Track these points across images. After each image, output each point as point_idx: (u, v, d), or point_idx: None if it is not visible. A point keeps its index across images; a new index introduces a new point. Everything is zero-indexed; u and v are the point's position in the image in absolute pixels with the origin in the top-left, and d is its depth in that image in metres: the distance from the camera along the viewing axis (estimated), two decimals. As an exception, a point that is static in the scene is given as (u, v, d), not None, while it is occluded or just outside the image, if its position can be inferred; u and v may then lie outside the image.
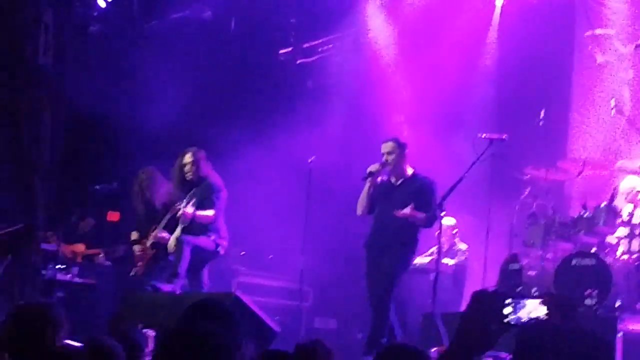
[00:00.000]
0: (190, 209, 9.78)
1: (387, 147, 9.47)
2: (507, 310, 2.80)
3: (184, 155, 10.18)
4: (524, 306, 2.79)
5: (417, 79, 12.76)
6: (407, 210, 9.13)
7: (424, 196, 9.27)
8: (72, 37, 12.88)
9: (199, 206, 9.89)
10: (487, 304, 2.80)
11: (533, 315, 2.76)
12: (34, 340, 4.83)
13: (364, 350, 9.06)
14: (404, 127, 12.63)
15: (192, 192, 9.98)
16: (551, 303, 2.80)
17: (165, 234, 10.03)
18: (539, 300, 2.78)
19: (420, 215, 9.18)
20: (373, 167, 9.46)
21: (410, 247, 9.44)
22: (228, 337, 3.30)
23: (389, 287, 9.17)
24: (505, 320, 2.79)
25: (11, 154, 12.14)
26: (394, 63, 13.23)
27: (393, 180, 9.56)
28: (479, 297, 2.85)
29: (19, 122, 12.22)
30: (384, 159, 9.44)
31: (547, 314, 2.73)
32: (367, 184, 9.48)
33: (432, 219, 9.19)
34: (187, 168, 10.08)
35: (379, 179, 9.58)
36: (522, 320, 2.76)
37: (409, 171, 9.54)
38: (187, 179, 10.05)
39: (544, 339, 2.41)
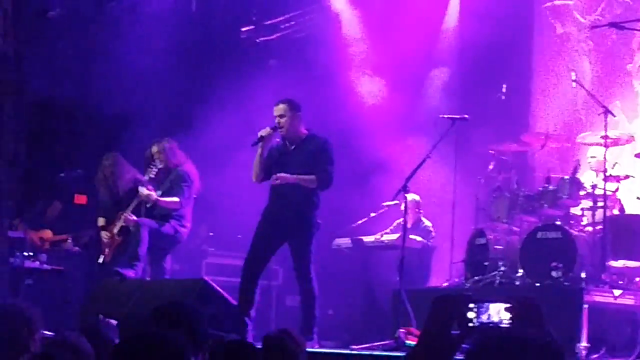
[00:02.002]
0: (153, 193, 9.82)
1: (278, 110, 8.95)
2: (470, 314, 2.84)
3: (151, 146, 10.15)
4: (487, 310, 2.82)
5: (379, 55, 12.79)
6: (286, 175, 8.76)
7: (317, 157, 8.86)
8: (31, 21, 12.78)
9: (166, 193, 9.90)
10: (450, 308, 2.83)
11: (496, 320, 2.80)
12: (10, 343, 4.84)
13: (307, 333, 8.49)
14: (367, 107, 12.69)
15: (161, 179, 9.98)
16: (514, 309, 2.82)
17: (133, 217, 10.04)
18: (504, 305, 2.81)
19: (308, 177, 8.78)
20: (264, 131, 8.94)
21: (310, 219, 8.91)
22: (184, 344, 3.36)
23: (308, 265, 8.83)
24: (469, 325, 2.82)
25: (-26, 142, 12.07)
26: (356, 40, 13.23)
27: (288, 144, 9.06)
28: (441, 301, 2.88)
29: (-19, 110, 12.15)
30: (275, 121, 8.94)
31: (510, 319, 2.77)
32: (259, 149, 8.97)
33: (326, 180, 8.81)
34: (156, 158, 10.06)
35: (276, 142, 9.11)
36: (484, 325, 2.80)
37: (304, 134, 9.05)
38: (158, 167, 10.03)
39: (491, 347, 2.44)
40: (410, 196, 10.51)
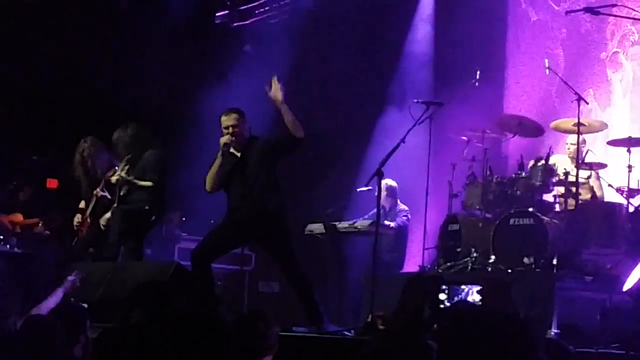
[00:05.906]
0: (125, 175, 9.70)
1: (231, 119, 8.58)
2: (442, 295, 2.83)
3: (117, 131, 10.01)
4: (459, 292, 2.82)
5: (354, 39, 12.76)
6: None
7: (273, 144, 8.58)
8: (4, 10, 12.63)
9: (140, 176, 9.78)
10: (423, 288, 2.82)
11: (469, 300, 2.79)
12: None
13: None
14: (342, 90, 12.67)
15: (130, 160, 9.84)
16: (485, 289, 2.83)
17: (105, 194, 9.96)
18: (475, 288, 2.81)
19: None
20: (227, 139, 8.55)
21: (283, 214, 8.68)
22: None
23: (295, 260, 8.62)
24: (441, 306, 2.81)
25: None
26: (330, 24, 13.18)
27: (234, 152, 8.68)
28: (414, 281, 2.87)
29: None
30: (227, 131, 8.56)
31: (481, 300, 2.76)
32: (219, 160, 8.61)
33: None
34: (127, 143, 9.93)
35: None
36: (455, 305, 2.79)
37: (246, 138, 8.71)
38: (129, 152, 9.90)
39: (463, 324, 2.45)
40: (387, 181, 10.59)
